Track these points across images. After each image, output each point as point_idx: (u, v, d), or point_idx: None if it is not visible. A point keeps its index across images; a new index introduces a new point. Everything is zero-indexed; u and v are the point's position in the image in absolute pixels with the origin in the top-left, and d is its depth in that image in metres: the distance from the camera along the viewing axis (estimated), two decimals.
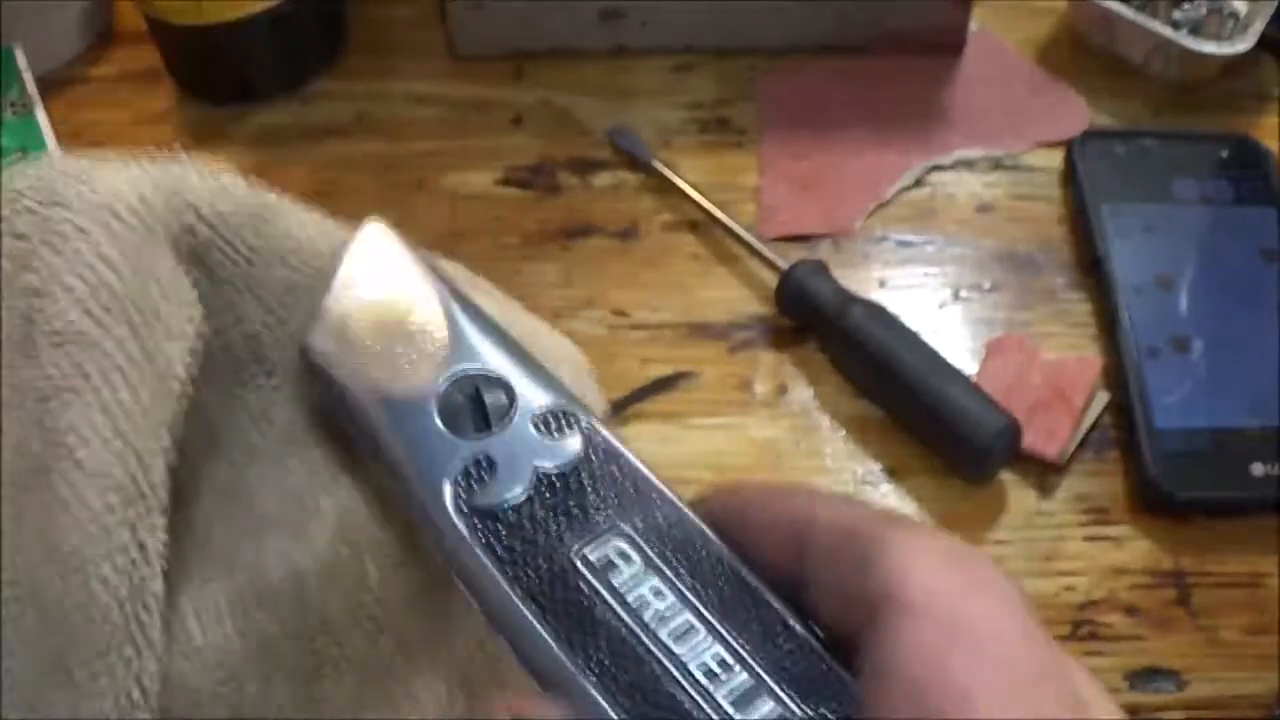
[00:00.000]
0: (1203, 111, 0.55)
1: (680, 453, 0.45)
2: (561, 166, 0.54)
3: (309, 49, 0.57)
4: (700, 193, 0.50)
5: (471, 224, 0.52)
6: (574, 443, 0.24)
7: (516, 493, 0.23)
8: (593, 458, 0.24)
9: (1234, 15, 0.56)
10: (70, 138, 0.55)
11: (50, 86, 0.56)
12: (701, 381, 0.47)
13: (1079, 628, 0.41)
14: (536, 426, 0.24)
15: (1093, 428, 0.45)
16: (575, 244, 0.51)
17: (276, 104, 0.56)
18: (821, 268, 0.47)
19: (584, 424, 0.24)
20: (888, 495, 0.44)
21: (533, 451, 0.24)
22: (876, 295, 0.48)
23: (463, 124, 0.56)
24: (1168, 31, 0.54)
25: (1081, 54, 0.58)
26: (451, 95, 0.57)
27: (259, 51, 0.55)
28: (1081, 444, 0.44)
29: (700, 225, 0.52)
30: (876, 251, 0.51)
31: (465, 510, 0.23)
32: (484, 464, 0.24)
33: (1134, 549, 0.42)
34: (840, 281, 0.47)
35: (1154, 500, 0.43)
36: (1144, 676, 0.40)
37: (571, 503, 0.23)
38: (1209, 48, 0.54)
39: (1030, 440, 0.43)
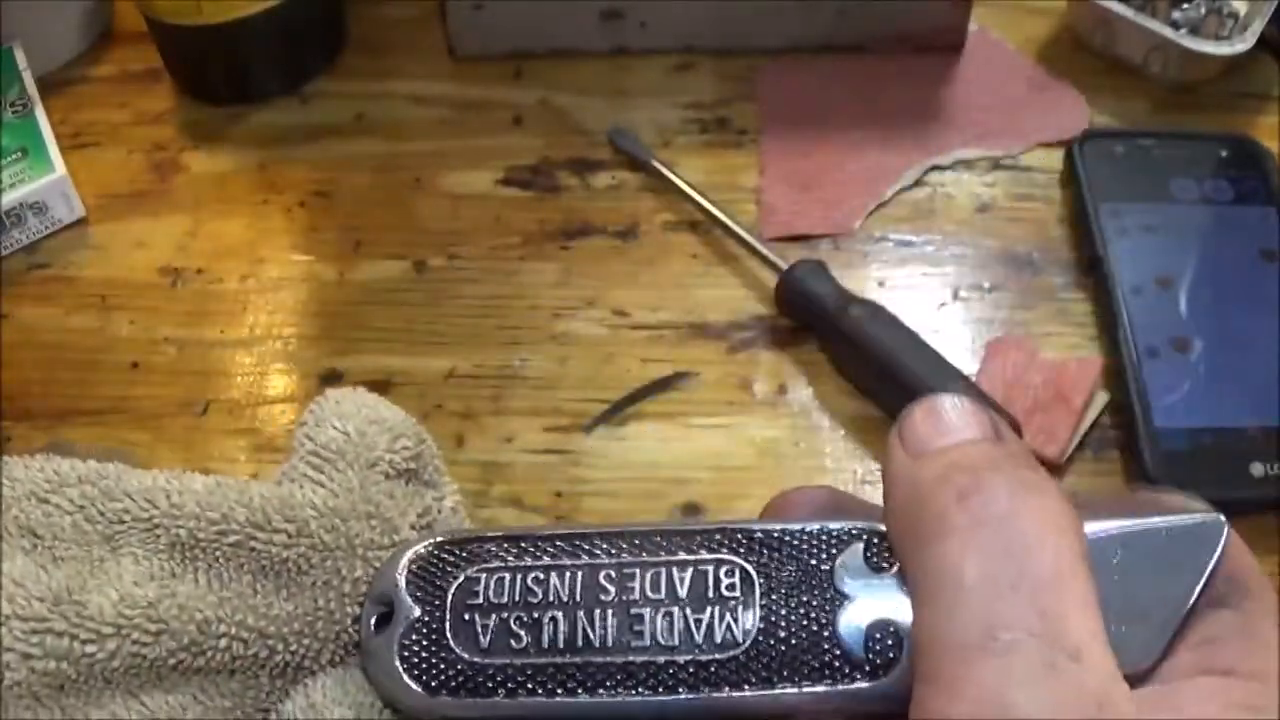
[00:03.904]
0: (1202, 111, 0.55)
1: (680, 452, 0.45)
2: (561, 166, 0.54)
3: (309, 49, 0.57)
4: (700, 193, 0.50)
5: (471, 224, 0.52)
6: None
7: None
8: None
9: (1233, 15, 0.56)
10: (70, 138, 0.55)
11: (50, 86, 0.56)
12: (701, 381, 0.47)
13: None
14: None
15: (1092, 428, 0.45)
16: (575, 244, 0.51)
17: (276, 104, 0.56)
18: (821, 268, 0.47)
19: None
20: None
21: None
22: (876, 295, 0.48)
23: (462, 124, 0.56)
24: (1167, 31, 0.54)
25: (1081, 54, 0.58)
26: (451, 95, 0.57)
27: (259, 51, 0.55)
28: (1081, 444, 0.44)
29: (700, 225, 0.52)
30: (876, 251, 0.51)
31: None
32: None
33: None
34: (840, 281, 0.47)
35: None
36: None
37: None
38: (1208, 48, 0.54)
39: (1030, 440, 0.43)
